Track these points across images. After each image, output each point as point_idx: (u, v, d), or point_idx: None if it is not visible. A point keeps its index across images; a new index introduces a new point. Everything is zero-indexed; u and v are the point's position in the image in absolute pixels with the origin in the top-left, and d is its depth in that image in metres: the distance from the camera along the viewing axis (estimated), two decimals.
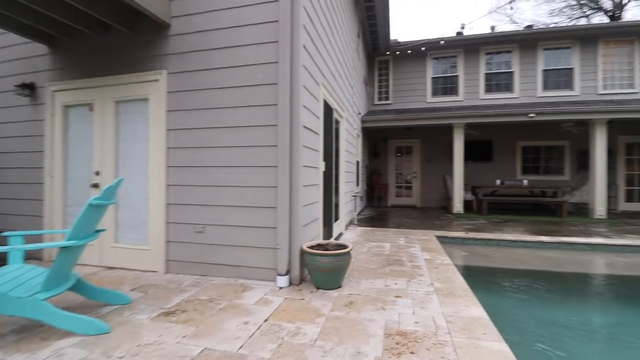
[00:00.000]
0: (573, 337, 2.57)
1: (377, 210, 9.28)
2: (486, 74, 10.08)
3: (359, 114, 8.30)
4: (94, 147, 3.72)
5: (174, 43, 3.41)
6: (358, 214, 7.75)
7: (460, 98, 10.22)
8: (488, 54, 10.07)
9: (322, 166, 3.90)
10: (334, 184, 4.75)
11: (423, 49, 9.86)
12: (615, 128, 8.51)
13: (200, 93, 3.31)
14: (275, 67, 3.05)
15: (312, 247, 2.98)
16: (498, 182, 8.76)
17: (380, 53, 10.45)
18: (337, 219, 5.20)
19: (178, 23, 3.40)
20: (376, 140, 10.80)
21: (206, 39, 3.29)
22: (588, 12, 14.23)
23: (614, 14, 12.91)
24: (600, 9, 13.58)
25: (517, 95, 9.82)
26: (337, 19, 5.03)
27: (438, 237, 5.44)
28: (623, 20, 9.13)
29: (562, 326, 2.77)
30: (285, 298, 2.64)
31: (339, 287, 2.88)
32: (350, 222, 6.60)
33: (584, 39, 9.35)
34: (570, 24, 13.98)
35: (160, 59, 3.45)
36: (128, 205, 3.57)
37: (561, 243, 5.21)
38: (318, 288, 2.85)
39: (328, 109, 4.46)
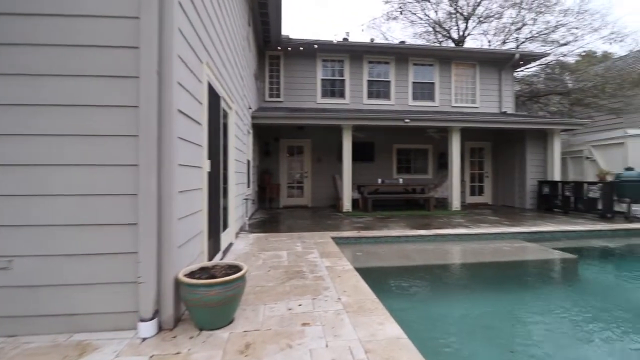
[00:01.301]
0: (492, 334, 2.63)
1: (270, 213, 8.76)
2: (368, 81, 10.82)
3: (250, 108, 7.60)
4: None
5: None
6: (250, 219, 7.07)
7: (347, 101, 10.68)
8: (370, 62, 10.84)
9: (206, 165, 3.12)
10: (222, 187, 3.98)
11: (316, 46, 9.84)
12: (464, 135, 10.34)
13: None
14: (135, 24, 2.15)
15: (192, 274, 2.23)
16: (379, 181, 9.48)
17: (271, 47, 9.95)
18: (226, 227, 4.43)
19: None
20: (267, 138, 10.27)
21: None
22: (441, 39, 17.24)
23: (459, 42, 15.98)
24: (450, 37, 16.61)
25: (393, 102, 10.88)
26: None
27: (334, 239, 5.30)
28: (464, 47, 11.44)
29: (471, 323, 2.85)
30: (152, 356, 1.83)
31: (231, 322, 2.22)
32: (241, 229, 5.88)
33: (442, 59, 11.07)
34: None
35: None
36: None
37: (436, 235, 5.81)
38: (201, 329, 2.12)
39: (214, 96, 3.67)
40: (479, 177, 11.67)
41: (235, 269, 2.34)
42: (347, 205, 8.77)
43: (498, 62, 11.26)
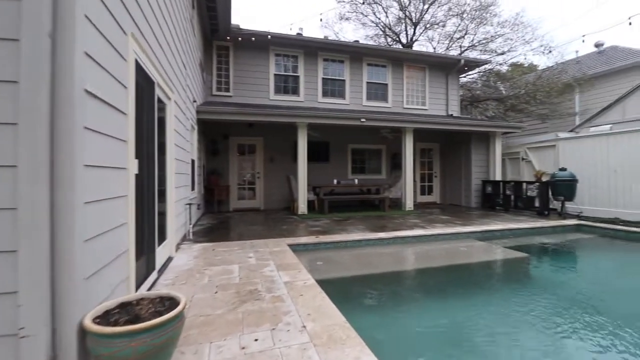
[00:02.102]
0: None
1: (218, 218, 7.99)
2: (323, 78, 10.52)
3: (195, 102, 6.80)
4: None
5: None
6: (194, 225, 6.30)
7: (301, 99, 10.27)
8: (325, 60, 10.55)
9: (134, 166, 2.47)
10: (157, 192, 3.30)
11: (269, 37, 9.24)
12: (414, 136, 10.54)
13: None
14: None
15: (107, 316, 1.62)
16: (335, 181, 9.23)
17: (219, 37, 9.13)
18: (163, 239, 3.73)
19: None
20: (215, 136, 9.43)
21: None
22: (391, 43, 17.66)
23: (407, 47, 16.48)
24: (399, 41, 17.07)
25: (347, 102, 10.72)
26: None
27: (291, 246, 4.85)
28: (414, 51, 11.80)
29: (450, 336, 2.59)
30: None
31: None
32: (184, 239, 5.14)
33: (394, 60, 11.19)
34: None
35: None
36: None
37: (396, 238, 5.66)
38: None
39: (146, 81, 3.00)
40: (429, 177, 12.06)
41: (170, 302, 1.78)
42: (302, 207, 8.36)
43: (445, 67, 11.72)
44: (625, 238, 6.09)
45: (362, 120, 8.53)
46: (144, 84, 2.99)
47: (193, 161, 6.39)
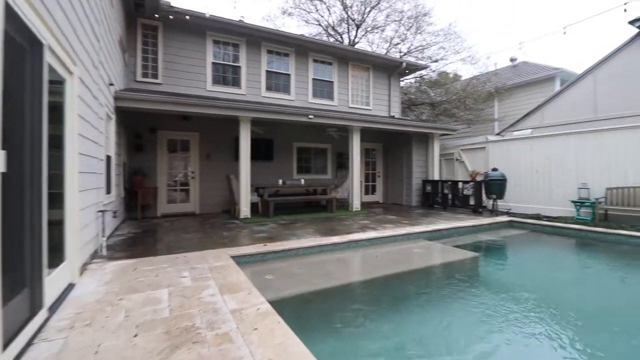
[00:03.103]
0: None
1: (142, 226, 6.78)
2: (267, 71, 9.82)
3: (112, 85, 5.60)
4: None
5: None
6: (110, 237, 5.15)
7: (243, 92, 9.43)
8: (270, 52, 9.85)
9: None
10: (44, 197, 2.36)
11: (207, 15, 8.14)
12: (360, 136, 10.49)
13: None
14: None
15: None
16: (281, 181, 8.63)
17: (146, 14, 7.83)
18: (59, 262, 2.76)
19: None
20: (140, 129, 8.09)
21: None
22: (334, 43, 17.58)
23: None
24: (342, 42, 17.07)
25: (293, 98, 10.19)
26: None
27: (235, 258, 4.15)
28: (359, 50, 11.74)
29: None
30: None
31: None
32: (95, 255, 4.06)
33: (340, 58, 10.99)
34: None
35: None
36: None
37: (350, 242, 5.30)
38: None
39: (27, 37, 2.08)
40: (372, 177, 12.16)
41: None
42: (245, 210, 7.58)
43: (388, 69, 11.92)
44: (552, 232, 6.65)
45: (311, 117, 8.08)
46: (23, 41, 2.07)
47: (109, 158, 5.23)
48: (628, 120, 7.29)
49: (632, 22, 7.11)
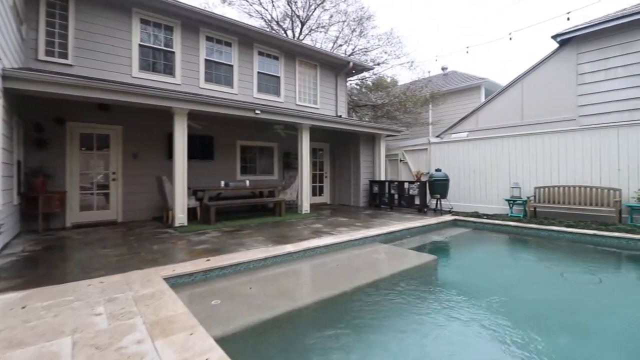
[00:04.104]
0: None
1: (44, 240, 5.40)
2: (207, 60, 8.83)
3: None
4: None
5: None
6: None
7: (178, 81, 8.31)
8: (209, 39, 8.86)
9: None
10: None
11: None
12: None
13: None
14: None
15: None
16: (223, 183, 7.78)
17: None
18: None
19: None
20: (42, 118, 6.54)
21: None
22: None
23: None
24: (286, 38, 16.50)
25: (236, 92, 9.34)
26: None
27: (169, 280, 3.38)
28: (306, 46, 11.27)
29: None
30: None
31: None
32: None
33: (287, 52, 10.44)
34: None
35: None
36: None
37: (306, 250, 4.81)
38: None
39: None
40: (319, 178, 11.85)
41: None
42: (180, 217, 6.61)
43: (335, 67, 11.72)
44: (492, 230, 7.02)
45: (258, 112, 7.39)
46: None
47: None
48: (550, 125, 8.09)
49: (554, 37, 7.90)
